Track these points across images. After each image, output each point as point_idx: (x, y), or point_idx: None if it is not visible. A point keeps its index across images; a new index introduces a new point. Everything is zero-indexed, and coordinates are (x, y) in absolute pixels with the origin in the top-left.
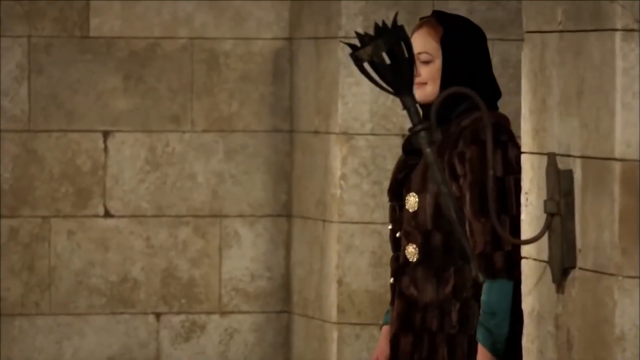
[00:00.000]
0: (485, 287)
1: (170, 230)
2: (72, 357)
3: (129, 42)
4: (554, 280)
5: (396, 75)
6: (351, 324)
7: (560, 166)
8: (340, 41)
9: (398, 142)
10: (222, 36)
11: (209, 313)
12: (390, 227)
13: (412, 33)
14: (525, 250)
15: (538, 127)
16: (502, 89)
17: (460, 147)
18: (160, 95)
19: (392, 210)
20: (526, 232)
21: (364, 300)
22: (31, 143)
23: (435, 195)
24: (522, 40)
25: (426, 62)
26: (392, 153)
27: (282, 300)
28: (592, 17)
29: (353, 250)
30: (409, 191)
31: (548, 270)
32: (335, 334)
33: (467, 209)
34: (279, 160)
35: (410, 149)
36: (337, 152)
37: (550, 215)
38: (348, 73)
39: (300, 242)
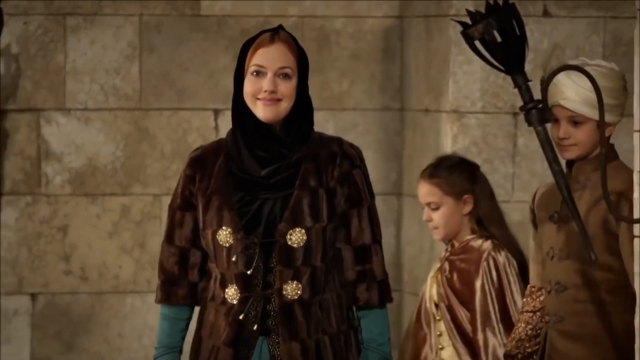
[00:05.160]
0: (378, 314)
1: None
2: None
3: (240, 21)
4: None
5: (507, 53)
6: None
7: None
8: (452, 19)
9: (509, 120)
10: (333, 14)
11: None
12: (248, 270)
13: (265, 44)
14: (637, 229)
15: None
16: None
17: (343, 168)
18: None
19: (248, 248)
20: (639, 211)
21: None
22: (142, 121)
23: (322, 228)
24: (635, 17)
25: (288, 78)
26: (502, 131)
27: (392, 279)
28: None
29: None
30: (293, 226)
31: None
32: None
33: (363, 232)
34: (389, 138)
35: (259, 180)
36: (447, 130)
37: None
38: (459, 51)
39: (411, 221)
